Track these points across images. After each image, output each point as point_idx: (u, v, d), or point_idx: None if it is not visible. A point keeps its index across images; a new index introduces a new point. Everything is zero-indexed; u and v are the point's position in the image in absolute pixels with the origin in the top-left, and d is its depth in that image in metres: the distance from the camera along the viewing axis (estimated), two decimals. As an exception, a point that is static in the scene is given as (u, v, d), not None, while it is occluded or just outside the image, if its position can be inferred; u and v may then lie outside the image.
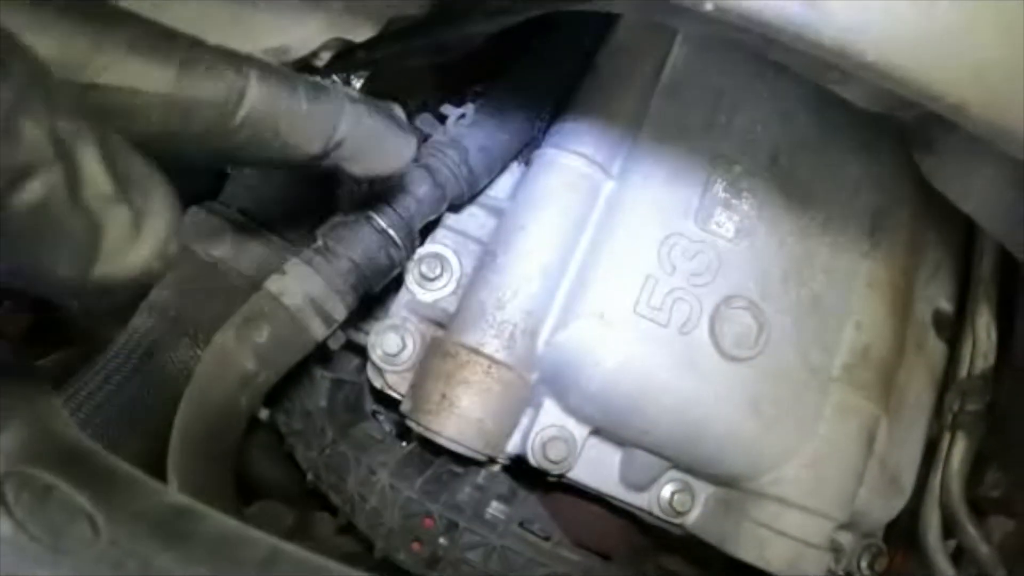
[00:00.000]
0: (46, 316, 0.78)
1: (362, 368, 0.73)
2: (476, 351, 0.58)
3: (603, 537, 0.70)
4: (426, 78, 0.84)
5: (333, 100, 0.43)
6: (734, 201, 0.64)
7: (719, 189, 0.64)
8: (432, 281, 0.64)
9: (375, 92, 0.87)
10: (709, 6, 0.38)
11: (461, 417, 0.57)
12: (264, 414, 0.74)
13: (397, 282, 0.65)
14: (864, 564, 0.71)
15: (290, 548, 0.36)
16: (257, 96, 0.39)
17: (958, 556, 0.74)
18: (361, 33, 0.55)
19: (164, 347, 0.66)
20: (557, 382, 0.61)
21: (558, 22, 0.69)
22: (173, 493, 0.39)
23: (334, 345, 0.60)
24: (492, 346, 0.58)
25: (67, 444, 0.42)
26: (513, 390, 0.59)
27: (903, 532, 0.75)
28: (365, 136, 0.45)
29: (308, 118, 0.42)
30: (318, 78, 0.48)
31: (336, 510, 0.65)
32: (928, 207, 0.71)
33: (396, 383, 0.63)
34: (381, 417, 0.72)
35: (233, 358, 0.55)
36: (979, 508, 0.72)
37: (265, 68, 0.40)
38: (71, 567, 0.36)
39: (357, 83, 1.30)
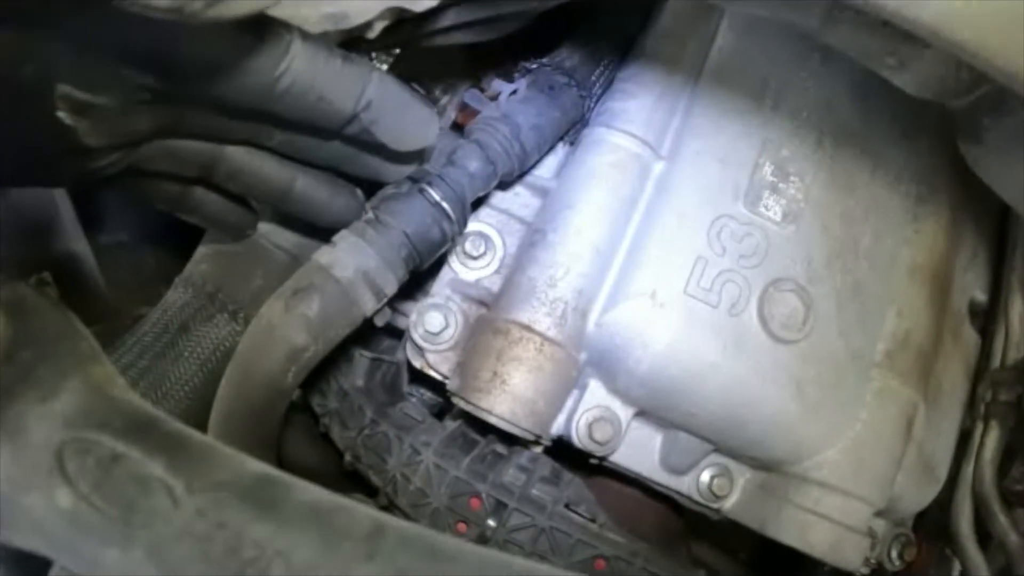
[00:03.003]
0: (73, 294, 0.76)
1: (394, 348, 0.72)
2: (528, 328, 0.57)
3: (638, 521, 0.69)
4: (454, 60, 0.83)
5: (363, 64, 0.48)
6: (781, 185, 0.64)
7: (767, 172, 0.63)
8: (475, 260, 0.64)
9: (401, 75, 0.86)
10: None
11: (513, 395, 0.56)
12: (296, 393, 0.73)
13: (435, 264, 0.64)
14: (895, 554, 0.71)
15: (390, 517, 0.34)
16: (300, 49, 0.44)
17: (983, 546, 0.74)
18: (421, 3, 0.54)
19: (200, 323, 0.64)
20: (605, 363, 0.60)
21: (604, 3, 0.69)
22: (252, 460, 0.36)
23: (380, 321, 0.58)
24: (544, 324, 0.58)
25: (132, 410, 0.39)
26: (563, 369, 0.58)
27: (928, 523, 0.76)
28: (392, 101, 0.50)
29: (341, 75, 0.46)
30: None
31: (373, 491, 0.64)
32: (965, 197, 0.72)
33: (437, 362, 0.62)
34: (414, 398, 0.71)
35: (281, 331, 0.54)
36: (1005, 501, 0.73)
37: (305, 32, 0.45)
38: (147, 543, 0.33)
39: (382, 67, 1.28)
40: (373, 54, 1.28)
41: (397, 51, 0.96)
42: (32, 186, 0.64)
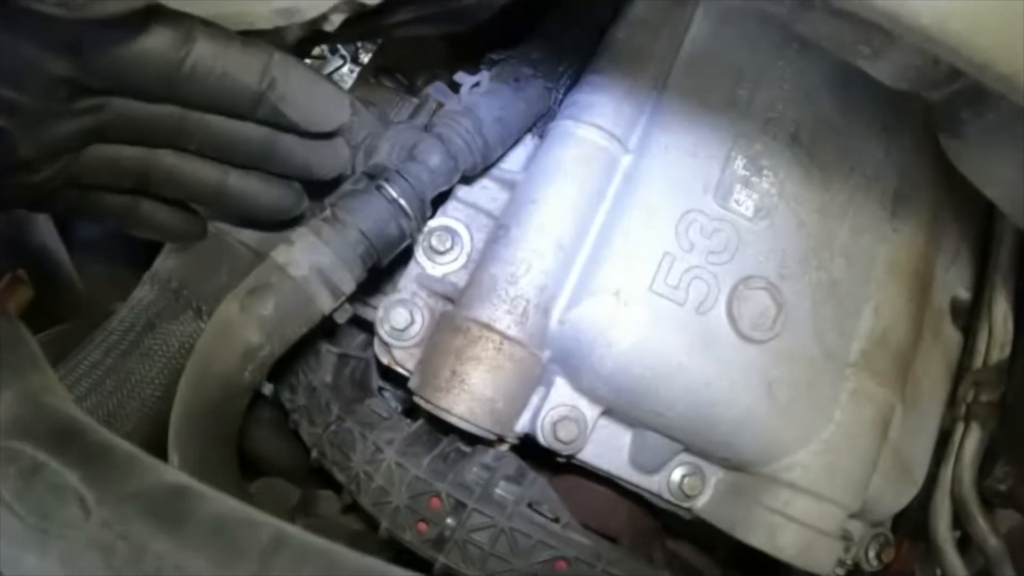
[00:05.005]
0: (48, 290, 0.76)
1: (368, 343, 0.72)
2: (488, 327, 0.57)
3: (610, 519, 0.69)
4: (435, 51, 0.82)
5: (264, 46, 0.51)
6: (754, 179, 0.62)
7: (739, 166, 0.62)
8: (442, 255, 0.63)
9: (383, 66, 0.85)
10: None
11: (471, 395, 0.56)
12: (268, 389, 0.73)
13: (405, 256, 0.63)
14: (872, 554, 0.70)
15: (295, 532, 0.34)
16: (201, 32, 0.47)
17: (963, 547, 0.73)
18: (374, -5, 0.53)
19: (166, 320, 0.64)
20: (569, 361, 0.59)
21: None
22: (172, 471, 0.38)
23: (341, 319, 0.58)
24: (504, 322, 0.57)
25: (60, 420, 0.40)
26: (524, 368, 0.58)
27: (908, 522, 0.74)
28: (297, 79, 0.52)
29: (243, 54, 0.49)
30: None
31: (340, 488, 0.64)
32: (948, 193, 0.70)
33: (404, 359, 0.62)
34: (387, 394, 0.71)
35: (237, 330, 0.54)
36: (986, 501, 0.72)
37: (204, 20, 0.48)
38: (59, 551, 0.34)
39: (365, 57, 1.27)
40: (358, 44, 1.27)
41: (380, 41, 0.95)
42: None
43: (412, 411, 0.70)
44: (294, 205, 0.57)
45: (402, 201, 0.55)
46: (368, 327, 0.69)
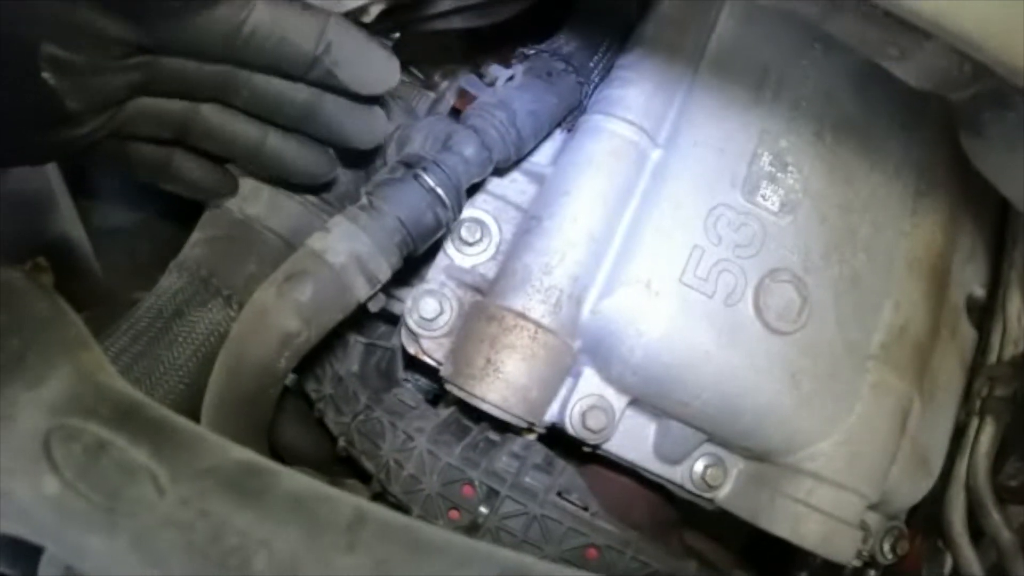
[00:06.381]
0: (68, 279, 0.76)
1: (390, 334, 0.72)
2: (523, 315, 0.57)
3: (630, 510, 0.69)
4: (452, 46, 0.82)
5: (321, 10, 0.51)
6: (779, 175, 0.63)
7: (765, 162, 0.63)
8: (471, 246, 0.63)
9: (399, 61, 0.86)
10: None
11: (506, 383, 0.56)
12: (291, 379, 0.73)
13: (431, 250, 0.63)
14: (887, 547, 0.71)
15: (374, 507, 0.34)
16: None
17: (976, 541, 0.74)
18: (417, -15, 0.53)
19: (194, 307, 0.64)
20: (599, 351, 0.60)
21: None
22: (238, 448, 0.36)
23: (374, 308, 0.58)
24: (538, 311, 0.57)
25: (119, 397, 0.38)
26: (557, 357, 0.58)
27: (921, 516, 0.75)
28: (351, 43, 0.52)
29: (301, 17, 0.50)
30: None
31: (366, 477, 0.64)
32: (965, 192, 0.71)
33: (432, 349, 0.62)
34: (408, 384, 0.71)
35: (273, 316, 0.54)
36: (998, 497, 0.73)
37: None
38: (131, 530, 0.32)
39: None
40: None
41: (397, 35, 0.96)
42: (19, 164, 0.65)
43: (435, 401, 0.70)
44: (327, 171, 0.59)
45: (439, 190, 0.55)
46: (390, 318, 0.69)
